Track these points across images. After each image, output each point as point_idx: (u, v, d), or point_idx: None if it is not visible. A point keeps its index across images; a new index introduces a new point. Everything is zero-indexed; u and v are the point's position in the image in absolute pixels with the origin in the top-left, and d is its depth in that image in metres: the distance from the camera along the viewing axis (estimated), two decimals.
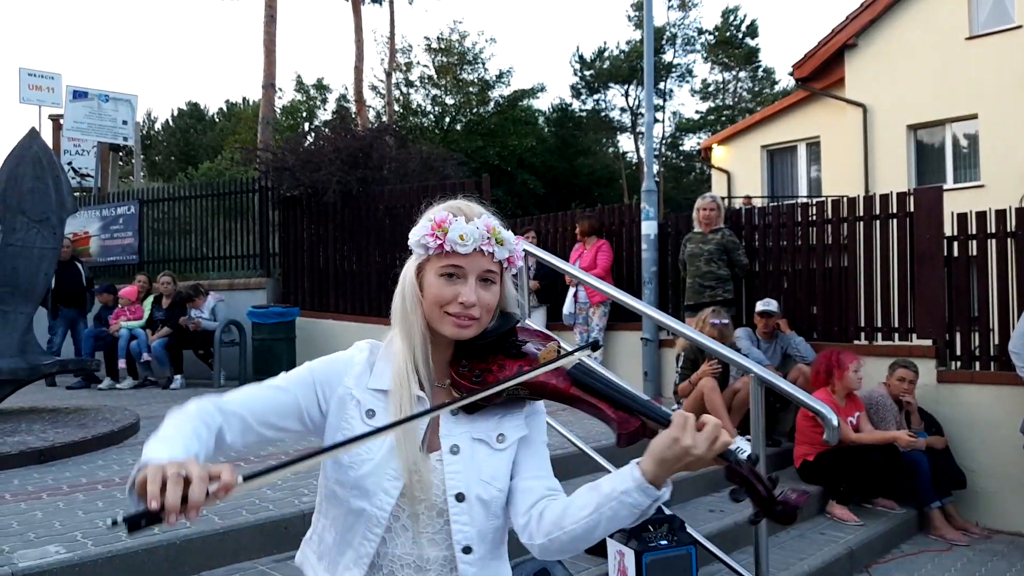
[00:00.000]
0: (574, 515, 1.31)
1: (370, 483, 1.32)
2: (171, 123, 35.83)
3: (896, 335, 6.02)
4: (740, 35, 32.69)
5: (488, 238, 1.35)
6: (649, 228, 6.98)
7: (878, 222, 6.12)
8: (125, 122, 12.73)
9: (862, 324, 6.18)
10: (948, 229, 5.89)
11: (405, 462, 1.32)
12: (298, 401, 1.39)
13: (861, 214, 6.22)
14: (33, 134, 5.75)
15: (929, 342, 5.76)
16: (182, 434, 1.25)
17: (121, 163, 18.32)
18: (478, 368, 1.39)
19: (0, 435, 4.77)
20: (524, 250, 4.43)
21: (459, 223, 1.34)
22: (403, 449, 1.33)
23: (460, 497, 1.34)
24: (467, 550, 1.35)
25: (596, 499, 1.28)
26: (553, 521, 1.34)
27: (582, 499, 1.32)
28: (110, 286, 9.34)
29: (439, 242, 1.34)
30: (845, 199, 6.43)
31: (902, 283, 6.01)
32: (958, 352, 5.83)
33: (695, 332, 3.74)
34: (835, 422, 3.20)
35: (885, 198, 6.12)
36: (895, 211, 6.04)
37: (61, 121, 12.60)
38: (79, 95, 12.37)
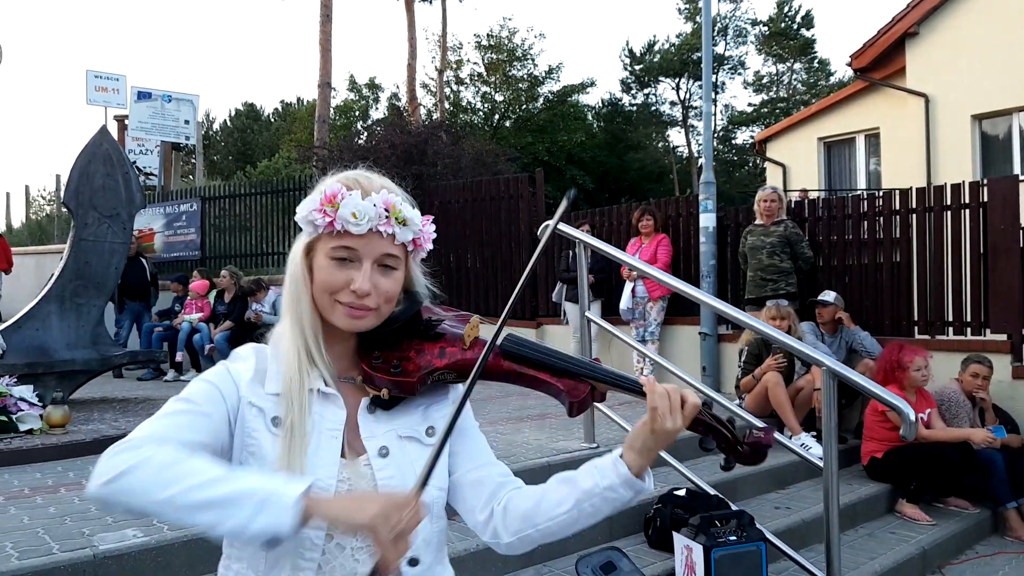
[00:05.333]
0: (549, 511, 1.22)
1: None
2: (229, 123, 36.63)
3: (968, 330, 5.83)
4: (795, 26, 32.01)
5: (386, 217, 1.18)
6: (708, 220, 6.87)
7: (949, 213, 5.93)
8: (187, 121, 13.06)
9: (931, 318, 6.00)
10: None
11: (327, 470, 1.15)
12: (218, 426, 1.15)
13: (931, 205, 6.03)
14: (104, 132, 5.93)
15: (1004, 337, 5.56)
16: (222, 468, 1.05)
17: (181, 162, 18.83)
18: (394, 357, 1.24)
19: (74, 423, 4.92)
20: (584, 243, 4.36)
21: (353, 198, 1.16)
22: (324, 456, 1.16)
23: None
24: (413, 562, 1.19)
25: (575, 495, 1.20)
26: (523, 517, 1.23)
27: (557, 494, 1.22)
28: (181, 276, 9.63)
29: (329, 219, 1.16)
30: (913, 189, 6.24)
31: (975, 276, 5.81)
32: None
33: (765, 325, 3.67)
34: (912, 417, 3.10)
35: (957, 188, 5.93)
36: (967, 201, 5.85)
37: (126, 121, 12.98)
38: (143, 96, 12.72)
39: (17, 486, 3.83)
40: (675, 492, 3.80)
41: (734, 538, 3.28)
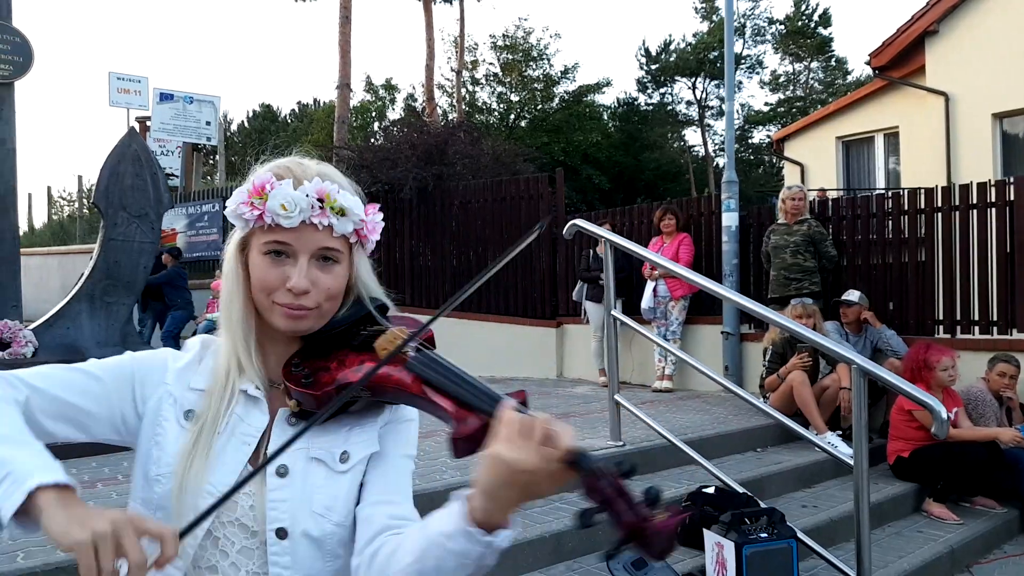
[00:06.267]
0: (400, 561, 0.98)
1: (180, 503, 1.02)
2: (247, 124, 36.86)
3: (995, 329, 5.80)
4: (812, 24, 31.84)
5: (320, 207, 1.07)
6: (730, 220, 6.86)
7: (975, 212, 5.91)
8: (208, 123, 13.18)
9: (958, 317, 5.98)
10: None
11: (224, 477, 1.04)
12: (111, 397, 1.08)
13: (957, 204, 6.01)
14: (132, 133, 6.02)
15: None
16: (22, 428, 0.96)
17: (202, 163, 19.00)
18: (314, 366, 1.11)
19: None
20: (611, 242, 4.38)
21: (283, 188, 1.06)
22: (227, 460, 1.05)
23: (282, 533, 1.04)
24: None
25: (421, 543, 0.96)
26: (379, 568, 1.02)
27: (410, 540, 0.99)
28: (174, 248, 9.76)
29: (257, 212, 1.06)
30: (939, 188, 6.22)
31: (1001, 275, 5.78)
32: None
33: (795, 323, 3.68)
34: (944, 415, 3.11)
35: (983, 187, 5.91)
36: (993, 200, 5.83)
37: (148, 123, 13.10)
38: (165, 97, 12.85)
39: None
40: (704, 490, 3.82)
41: (765, 535, 3.29)
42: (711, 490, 3.81)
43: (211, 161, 17.22)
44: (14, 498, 0.86)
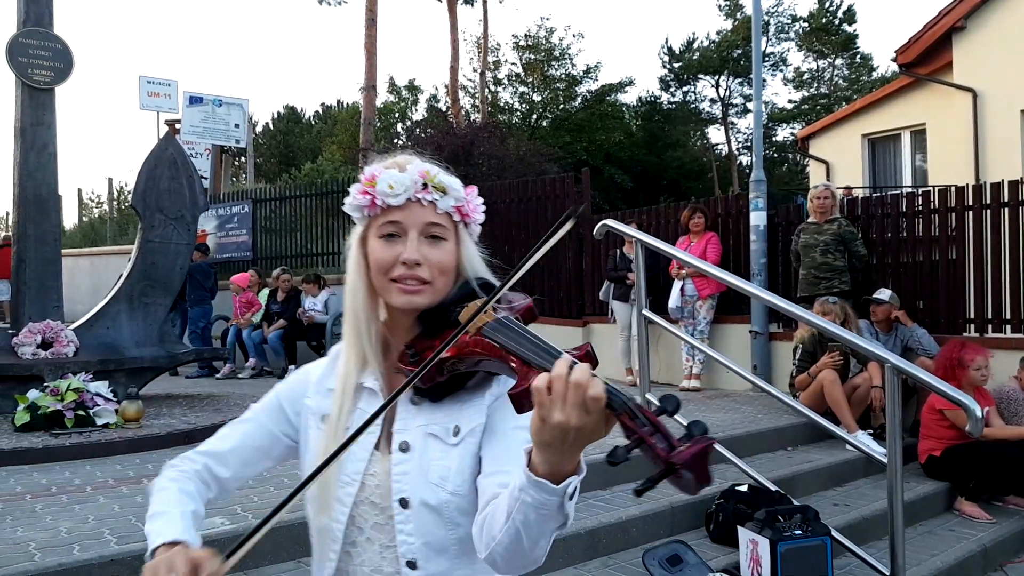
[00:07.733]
0: (497, 522, 1.03)
1: (325, 494, 1.19)
2: (271, 126, 37.12)
3: None
4: (837, 21, 31.55)
5: (423, 185, 1.19)
6: (758, 219, 6.86)
7: (1007, 209, 5.88)
8: (237, 125, 13.34)
9: (989, 316, 5.95)
10: None
11: (355, 464, 1.19)
12: (267, 428, 1.30)
13: (988, 202, 5.98)
14: (169, 137, 6.15)
15: None
16: (172, 501, 1.22)
17: (231, 165, 19.21)
18: (422, 347, 1.18)
19: (147, 418, 5.12)
20: (641, 242, 4.40)
21: (390, 173, 1.20)
22: (356, 450, 1.18)
23: (404, 503, 1.16)
24: (411, 564, 1.15)
25: (508, 502, 1.01)
26: (487, 531, 1.07)
27: (502, 501, 1.04)
28: (201, 244, 9.89)
29: (370, 197, 1.20)
30: (970, 186, 6.20)
31: None
32: None
33: (827, 322, 3.70)
34: (979, 413, 3.12)
35: (1015, 184, 5.87)
36: None
37: (177, 126, 13.29)
38: (195, 100, 13.03)
39: (101, 477, 4.01)
40: (737, 488, 3.85)
41: (799, 532, 3.32)
42: (744, 488, 3.84)
43: (237, 163, 17.43)
44: (148, 556, 1.13)
